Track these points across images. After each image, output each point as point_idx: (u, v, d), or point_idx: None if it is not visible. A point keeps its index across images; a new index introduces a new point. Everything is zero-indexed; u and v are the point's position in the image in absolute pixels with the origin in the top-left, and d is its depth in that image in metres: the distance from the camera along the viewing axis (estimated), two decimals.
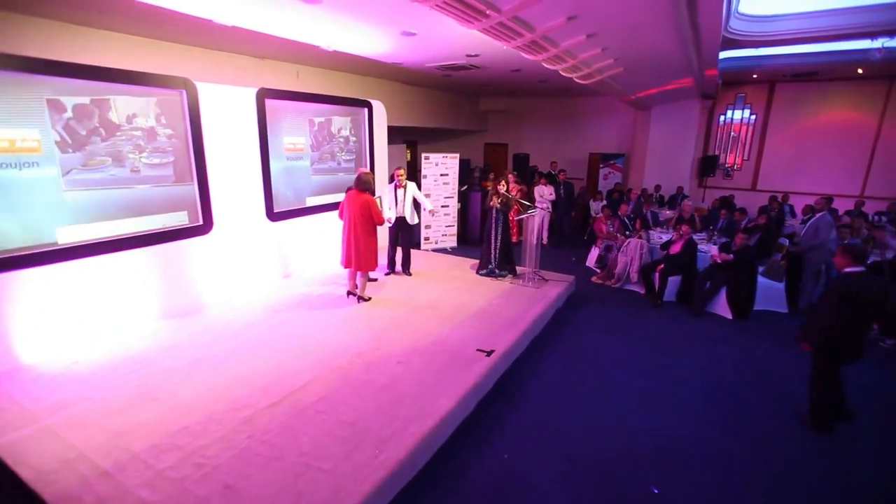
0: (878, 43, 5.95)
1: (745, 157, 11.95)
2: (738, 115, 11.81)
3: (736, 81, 11.16)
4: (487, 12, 3.85)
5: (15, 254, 3.78)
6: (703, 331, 5.61)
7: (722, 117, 11.95)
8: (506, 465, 3.17)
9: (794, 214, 9.90)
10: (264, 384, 3.60)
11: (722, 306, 6.06)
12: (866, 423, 3.67)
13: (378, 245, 5.33)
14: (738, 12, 5.86)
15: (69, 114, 3.99)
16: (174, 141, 4.79)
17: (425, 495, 2.85)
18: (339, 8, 4.47)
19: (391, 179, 6.53)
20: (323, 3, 4.31)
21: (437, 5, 3.59)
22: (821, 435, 3.58)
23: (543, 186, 9.22)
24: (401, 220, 6.31)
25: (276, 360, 3.98)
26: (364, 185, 5.16)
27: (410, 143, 15.10)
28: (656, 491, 2.94)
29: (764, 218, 7.44)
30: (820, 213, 5.90)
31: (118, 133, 4.34)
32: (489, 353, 4.15)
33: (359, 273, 5.31)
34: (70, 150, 4.03)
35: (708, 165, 12.09)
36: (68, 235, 4.10)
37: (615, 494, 2.92)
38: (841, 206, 9.50)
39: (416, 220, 6.55)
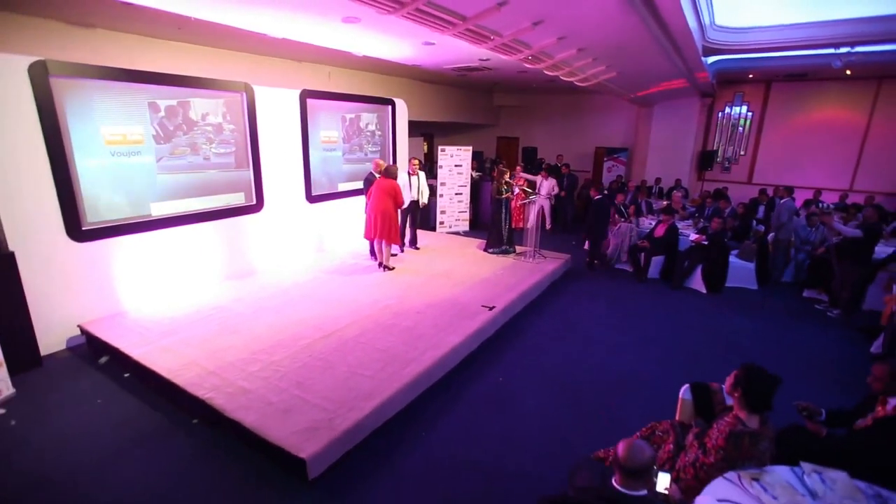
0: (842, 49, 6.73)
1: (742, 152, 12.65)
2: (735, 111, 12.50)
3: (734, 80, 11.84)
4: (453, 21, 4.32)
5: (123, 222, 4.90)
6: (678, 301, 6.52)
7: (720, 114, 12.63)
8: (499, 385, 4.19)
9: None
10: (314, 324, 4.66)
11: (697, 282, 6.95)
12: (799, 373, 4.58)
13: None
14: (715, 24, 6.68)
15: (162, 113, 5.08)
16: (235, 134, 5.86)
17: (439, 398, 3.88)
18: (372, 26, 5.45)
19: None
20: (360, 22, 5.30)
21: (406, 15, 3.83)
22: None
23: (544, 179, 10.11)
24: (413, 203, 7.37)
25: (321, 310, 5.04)
26: (391, 174, 6.20)
27: (427, 135, 16.06)
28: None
29: (741, 207, 8.27)
30: (783, 200, 6.75)
31: (195, 128, 5.41)
32: (491, 308, 5.15)
33: (383, 243, 6.34)
34: (162, 142, 5.12)
35: (706, 160, 12.82)
36: (159, 209, 5.20)
37: (581, 405, 3.90)
38: (829, 199, 10.26)
39: (425, 202, 7.69)
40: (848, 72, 9.55)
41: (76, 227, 4.52)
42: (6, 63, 3.93)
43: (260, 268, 6.35)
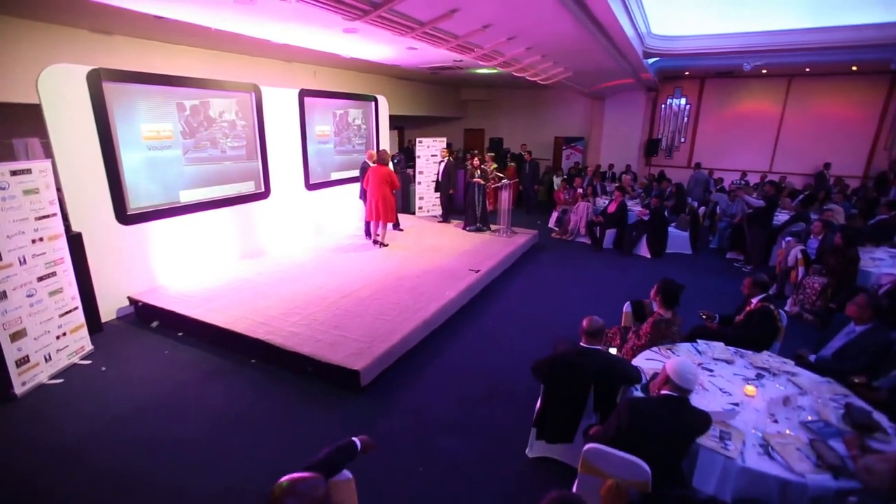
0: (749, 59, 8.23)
1: (683, 140, 14.26)
2: (676, 103, 14.07)
3: (673, 77, 13.36)
4: (412, 26, 4.85)
5: (158, 208, 5.63)
6: (628, 265, 7.83)
7: (663, 106, 14.17)
8: (488, 328, 5.28)
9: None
10: (332, 288, 5.59)
11: (643, 249, 8.30)
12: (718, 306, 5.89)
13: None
14: (651, 33, 7.96)
15: (188, 112, 5.81)
16: (246, 129, 6.63)
17: (444, 336, 4.94)
18: (367, 34, 6.34)
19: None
20: (358, 32, 6.19)
21: (370, 21, 4.28)
22: None
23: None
24: None
25: (334, 277, 5.96)
26: (385, 161, 7.15)
27: (399, 128, 16.92)
28: None
29: (674, 187, 9.75)
30: (693, 173, 8.27)
31: (214, 125, 6.17)
32: (477, 271, 6.23)
33: (381, 223, 7.29)
34: (188, 137, 5.86)
35: (652, 147, 14.37)
36: (186, 196, 5.95)
37: (551, 337, 5.03)
38: (753, 179, 11.94)
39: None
40: (764, 70, 11.19)
41: (123, 212, 5.24)
42: (70, 72, 4.62)
43: (269, 248, 7.16)
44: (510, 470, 3.13)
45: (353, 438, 2.03)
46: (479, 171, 8.76)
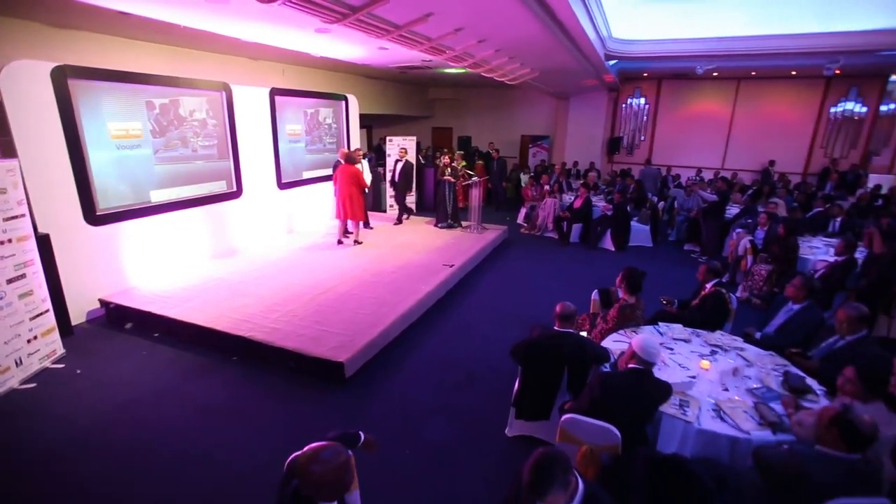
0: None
1: (643, 138, 14.90)
2: (636, 103, 14.69)
3: (633, 78, 13.95)
4: (388, 28, 4.98)
5: (128, 208, 5.54)
6: (593, 257, 8.21)
7: (623, 106, 14.77)
8: (462, 321, 5.49)
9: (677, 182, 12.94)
10: (310, 285, 5.66)
11: (608, 242, 8.71)
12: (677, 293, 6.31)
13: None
14: (612, 37, 8.37)
15: (157, 110, 5.74)
16: (217, 128, 6.58)
17: (422, 328, 5.11)
18: (339, 34, 6.41)
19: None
20: (330, 32, 6.24)
21: (348, 24, 4.40)
22: None
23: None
24: None
25: (311, 275, 6.03)
26: (352, 160, 7.23)
27: (367, 127, 16.90)
28: None
29: (634, 182, 10.29)
30: (644, 168, 8.78)
31: (184, 124, 6.10)
32: (451, 266, 6.43)
33: (352, 222, 7.37)
34: (158, 136, 5.78)
35: (614, 145, 14.95)
36: (157, 196, 5.87)
37: (524, 328, 5.29)
38: (708, 176, 12.64)
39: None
40: (715, 73, 11.89)
41: (91, 213, 5.15)
42: (33, 68, 4.51)
43: (242, 247, 7.12)
44: (491, 448, 3.35)
45: (359, 431, 2.17)
46: (449, 170, 8.97)
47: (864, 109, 11.79)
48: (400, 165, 9.25)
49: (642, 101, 14.59)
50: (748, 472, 2.26)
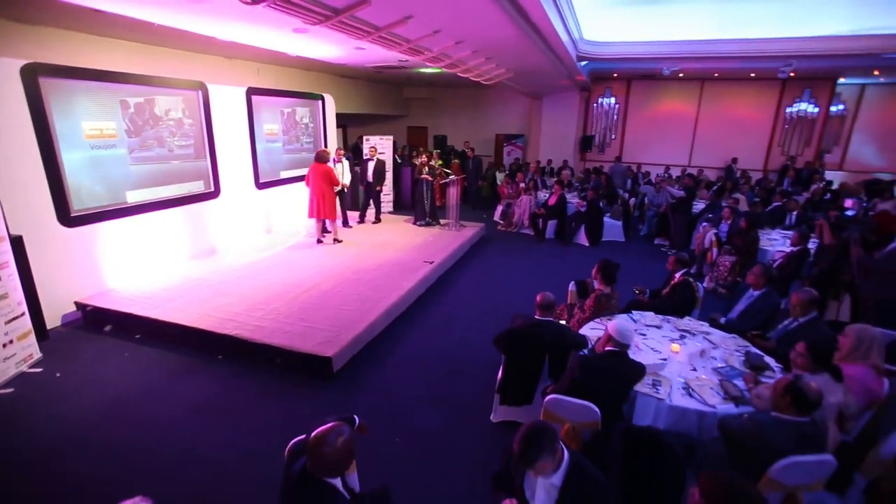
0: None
1: (613, 136, 15.35)
2: (606, 102, 15.11)
3: (603, 78, 14.36)
4: (369, 30, 5.04)
5: (104, 209, 5.45)
6: (568, 252, 8.48)
7: (595, 105, 15.18)
8: (443, 315, 5.63)
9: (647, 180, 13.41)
10: (293, 283, 5.70)
11: (582, 238, 9.00)
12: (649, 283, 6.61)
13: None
14: (583, 39, 8.67)
15: (132, 110, 5.66)
16: (194, 128, 6.52)
17: (406, 323, 5.23)
18: (317, 34, 6.44)
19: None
20: (308, 32, 6.27)
21: (331, 25, 4.46)
22: None
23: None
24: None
25: (293, 273, 6.05)
26: (323, 159, 7.25)
27: (342, 126, 16.83)
28: None
29: (605, 178, 10.66)
30: (612, 165, 9.15)
31: (160, 123, 6.03)
32: (431, 262, 6.56)
33: (329, 221, 7.42)
34: (133, 136, 5.71)
35: (586, 143, 15.35)
36: (134, 197, 5.79)
37: (501, 320, 5.47)
38: (676, 172, 13.14)
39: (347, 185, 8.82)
40: (681, 74, 12.37)
41: (66, 214, 5.05)
42: (1, 66, 4.40)
43: (221, 247, 7.07)
44: (477, 434, 3.50)
45: (354, 415, 2.29)
46: (426, 168, 9.09)
47: (817, 110, 12.48)
48: (372, 165, 9.16)
49: (613, 100, 15.03)
50: (713, 442, 2.47)
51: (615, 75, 13.91)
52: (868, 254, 4.58)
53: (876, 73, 10.93)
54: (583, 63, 10.22)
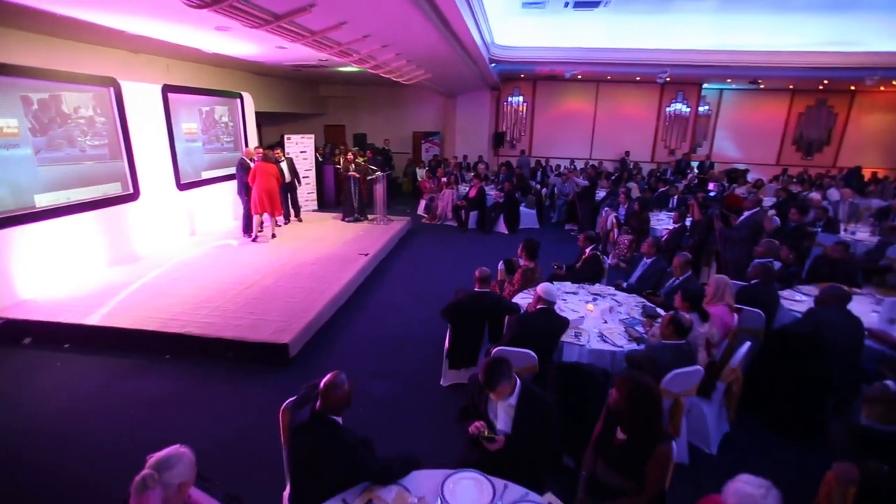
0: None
1: (523, 133, 16.53)
2: (515, 101, 16.22)
3: (512, 78, 15.40)
4: (304, 34, 5.13)
5: (10, 214, 5.07)
6: (490, 240, 9.22)
7: (505, 103, 16.22)
8: (384, 301, 6.01)
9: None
10: (233, 281, 5.72)
11: (501, 227, 9.80)
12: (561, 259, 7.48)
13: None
14: (494, 43, 9.43)
15: (35, 106, 5.30)
16: (107, 126, 6.20)
17: (351, 310, 5.54)
18: (238, 33, 6.43)
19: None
20: (229, 31, 6.24)
21: (269, 30, 4.57)
22: None
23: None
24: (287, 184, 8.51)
25: (231, 272, 6.05)
26: (269, 158, 7.35)
27: (256, 126, 16.25)
28: None
29: (517, 171, 11.64)
30: (519, 158, 10.19)
31: (69, 121, 5.69)
32: (366, 255, 6.88)
33: (268, 217, 7.44)
34: (39, 135, 5.34)
35: (499, 139, 16.36)
36: (43, 200, 5.43)
37: (436, 302, 5.98)
38: (580, 165, 14.54)
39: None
40: (579, 76, 13.72)
41: None
42: None
43: (143, 251, 6.76)
44: (430, 398, 3.96)
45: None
46: (353, 165, 9.31)
47: (688, 110, 14.56)
48: (285, 165, 8.89)
49: (521, 99, 16.17)
50: (623, 371, 3.17)
51: (522, 76, 15.01)
52: (727, 227, 5.76)
53: (728, 80, 13.06)
54: (493, 65, 11.02)
